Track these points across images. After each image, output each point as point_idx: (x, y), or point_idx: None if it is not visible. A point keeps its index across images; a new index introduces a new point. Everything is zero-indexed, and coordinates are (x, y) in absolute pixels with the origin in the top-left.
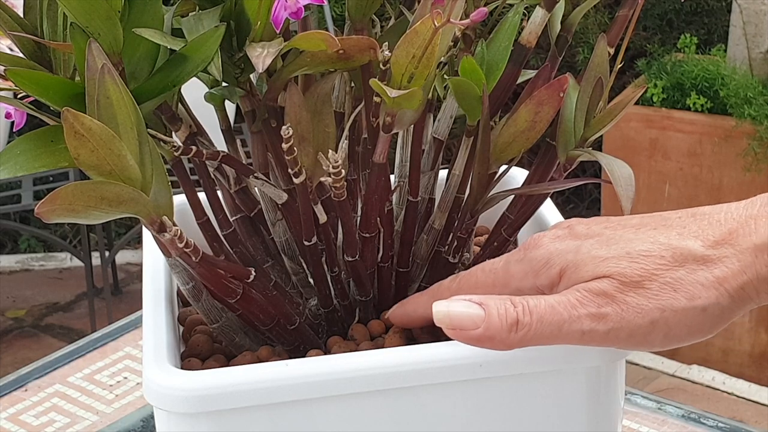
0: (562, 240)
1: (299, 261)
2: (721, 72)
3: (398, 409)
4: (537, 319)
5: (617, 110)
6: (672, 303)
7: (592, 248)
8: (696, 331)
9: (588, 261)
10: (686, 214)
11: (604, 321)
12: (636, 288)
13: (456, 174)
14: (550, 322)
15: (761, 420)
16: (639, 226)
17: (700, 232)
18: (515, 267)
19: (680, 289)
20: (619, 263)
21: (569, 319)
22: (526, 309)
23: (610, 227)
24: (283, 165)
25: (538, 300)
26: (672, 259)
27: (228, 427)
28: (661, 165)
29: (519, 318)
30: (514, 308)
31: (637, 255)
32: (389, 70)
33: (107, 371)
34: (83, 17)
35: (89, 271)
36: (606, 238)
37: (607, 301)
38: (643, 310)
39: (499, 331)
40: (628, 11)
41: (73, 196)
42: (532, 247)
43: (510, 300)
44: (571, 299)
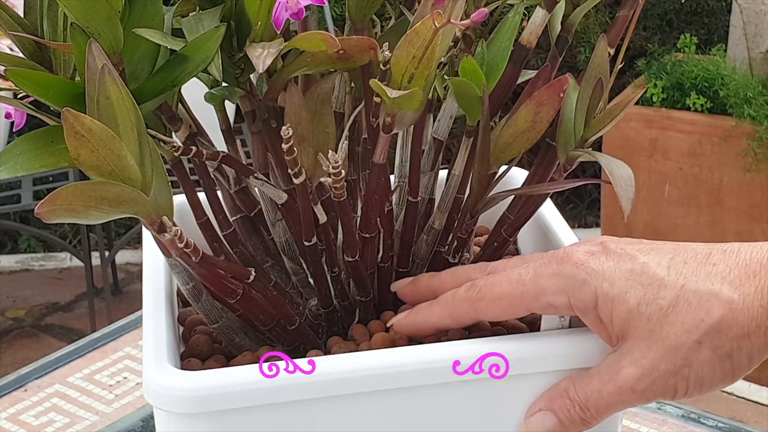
0: (597, 258)
1: (299, 261)
2: (721, 72)
3: (398, 409)
4: (595, 411)
5: (617, 110)
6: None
7: (627, 286)
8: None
9: (622, 306)
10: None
11: (643, 396)
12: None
13: (456, 174)
14: (604, 408)
15: (761, 420)
16: (673, 254)
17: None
18: (548, 281)
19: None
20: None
21: (616, 403)
22: (583, 405)
23: (643, 251)
24: (283, 165)
25: (589, 391)
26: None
27: (228, 427)
28: (661, 165)
29: (581, 416)
30: (573, 408)
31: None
32: (389, 71)
33: (107, 371)
34: (83, 17)
35: (89, 271)
36: (639, 269)
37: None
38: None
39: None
40: (628, 11)
41: (73, 196)
42: (566, 261)
43: (567, 396)
44: (611, 388)
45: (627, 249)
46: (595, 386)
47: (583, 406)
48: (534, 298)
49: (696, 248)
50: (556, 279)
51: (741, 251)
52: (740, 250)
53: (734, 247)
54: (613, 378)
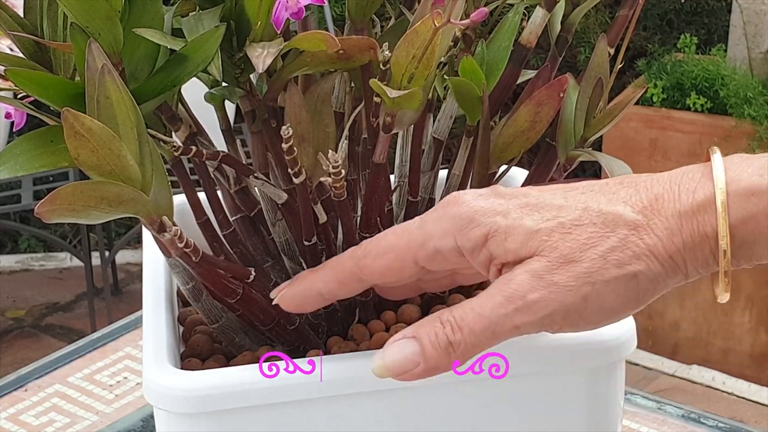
0: (486, 198)
1: (299, 261)
2: (721, 72)
3: (398, 409)
4: (468, 332)
5: (617, 110)
6: (602, 274)
7: (523, 214)
8: (630, 300)
9: (518, 230)
10: (613, 182)
11: (534, 309)
12: (565, 264)
13: (456, 174)
14: (482, 330)
15: (761, 420)
16: (566, 189)
17: (629, 198)
18: (434, 225)
19: (610, 259)
20: (551, 237)
21: (498, 320)
22: (455, 325)
23: (535, 189)
24: (283, 165)
25: (464, 310)
26: (603, 225)
27: (228, 427)
28: (661, 165)
29: (450, 339)
30: (443, 329)
31: (569, 226)
32: (389, 71)
33: (107, 371)
34: (83, 17)
35: (89, 271)
36: (534, 200)
37: (534, 285)
38: (573, 287)
39: (439, 359)
40: (628, 11)
41: (73, 196)
42: (453, 204)
43: (439, 319)
44: (497, 298)
45: (518, 190)
46: (474, 303)
47: (456, 326)
48: (420, 245)
49: (588, 182)
50: (441, 222)
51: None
52: (638, 183)
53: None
54: (501, 289)
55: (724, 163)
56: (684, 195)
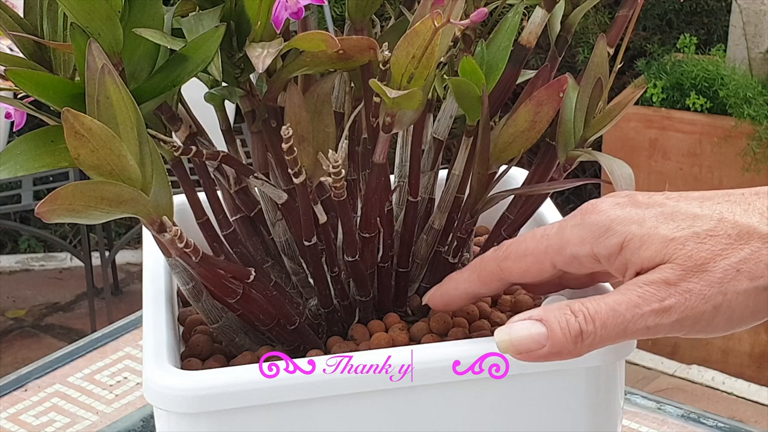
0: (623, 207)
1: (299, 261)
2: (720, 72)
3: (398, 409)
4: (600, 325)
5: (617, 110)
6: (735, 285)
7: (658, 223)
8: (759, 311)
9: (654, 239)
10: (749, 192)
11: (668, 314)
12: (699, 273)
13: (456, 174)
14: (614, 325)
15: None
16: (702, 199)
17: (764, 209)
18: (571, 232)
19: (743, 270)
20: (686, 246)
21: (632, 318)
22: (588, 317)
23: (672, 198)
24: (283, 165)
25: (598, 304)
26: (737, 237)
27: (228, 427)
28: (660, 165)
29: (582, 328)
30: (575, 318)
31: (705, 235)
32: (389, 71)
33: (107, 371)
34: (83, 17)
35: (89, 271)
36: (670, 210)
37: (670, 291)
38: (706, 296)
39: (566, 345)
40: (627, 11)
41: (73, 196)
42: (590, 212)
43: (569, 308)
44: (633, 297)
45: (654, 198)
46: (609, 299)
47: (588, 317)
48: (557, 251)
49: (725, 191)
50: (579, 229)
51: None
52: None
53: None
54: (637, 290)
55: None
56: None
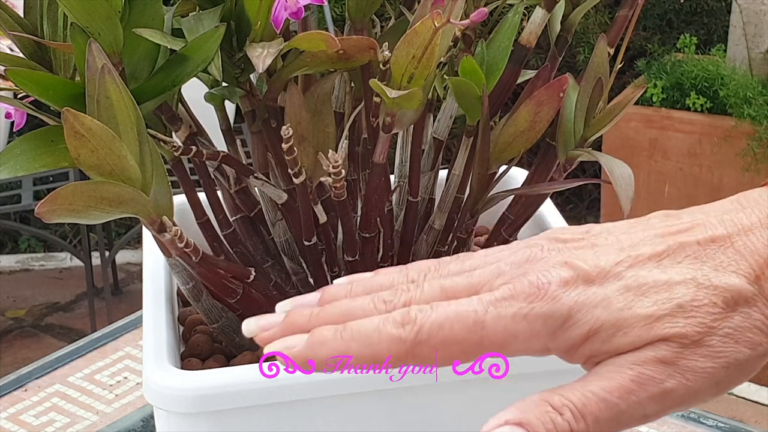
0: (575, 287)
1: (299, 261)
2: (720, 72)
3: (398, 409)
4: (593, 421)
5: (617, 110)
6: (736, 357)
7: (630, 301)
8: (751, 374)
9: (631, 322)
10: (704, 240)
11: (669, 397)
12: (697, 347)
13: (456, 174)
14: (608, 419)
15: (761, 420)
16: (657, 257)
17: (736, 265)
18: (517, 325)
19: (741, 340)
20: (677, 322)
21: (628, 408)
22: (576, 413)
23: (623, 263)
24: (283, 165)
25: (584, 395)
26: (725, 305)
27: (228, 427)
28: (660, 165)
29: (573, 428)
30: (561, 417)
31: (690, 308)
32: (389, 71)
33: (107, 371)
34: (83, 17)
35: (89, 271)
36: (634, 282)
37: (670, 372)
38: (710, 374)
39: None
40: (628, 11)
41: (73, 196)
42: (538, 297)
43: (549, 404)
44: (625, 383)
45: (600, 263)
46: (595, 386)
47: (577, 414)
48: (499, 345)
49: (677, 243)
50: (528, 322)
51: (734, 242)
52: (734, 242)
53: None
54: (626, 371)
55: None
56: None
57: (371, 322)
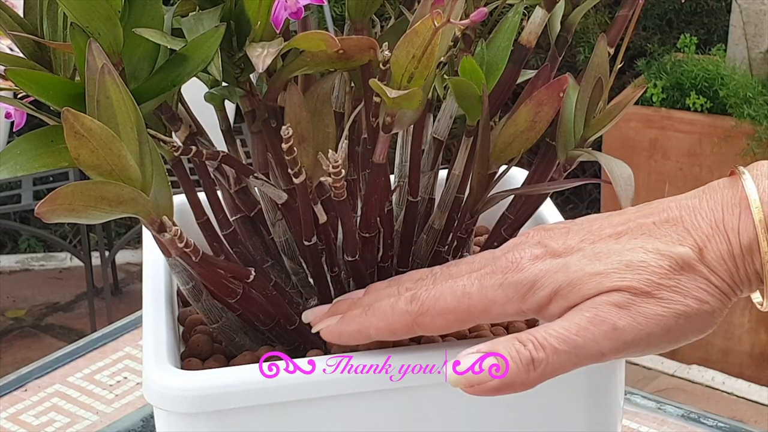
0: (542, 260)
1: (299, 261)
2: (720, 72)
3: (398, 409)
4: (551, 351)
5: (617, 110)
6: (685, 309)
7: (585, 265)
8: (703, 331)
9: (586, 278)
10: (659, 219)
11: (621, 337)
12: (647, 297)
13: (456, 174)
14: (566, 351)
15: (761, 420)
16: (616, 235)
17: (682, 238)
18: (495, 292)
19: (688, 296)
20: (624, 276)
21: (584, 343)
22: (537, 344)
23: (586, 240)
24: (283, 165)
25: (547, 331)
26: (670, 267)
27: (228, 427)
28: (660, 165)
29: (533, 356)
30: (525, 347)
31: (637, 266)
32: (389, 70)
33: (107, 371)
34: (83, 17)
35: (89, 271)
36: (591, 252)
37: (621, 314)
38: (659, 319)
39: (518, 375)
40: (628, 11)
41: (73, 196)
42: (511, 269)
43: (517, 339)
44: (582, 322)
45: (569, 243)
46: (556, 326)
47: (538, 345)
48: (483, 311)
49: (637, 223)
50: (503, 289)
51: (684, 221)
52: (684, 221)
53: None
54: (584, 313)
55: (757, 187)
56: (732, 236)
57: (388, 302)
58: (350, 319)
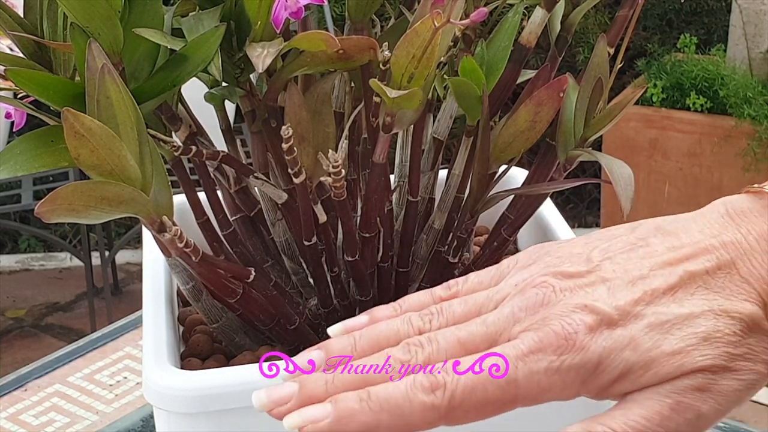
0: (600, 332)
1: (299, 261)
2: (720, 72)
3: None
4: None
5: (617, 110)
6: (757, 378)
7: (655, 341)
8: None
9: (663, 360)
10: (713, 268)
11: (703, 420)
12: (726, 373)
13: (456, 174)
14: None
15: (761, 420)
16: (671, 291)
17: (744, 292)
18: (551, 379)
19: (758, 361)
20: (705, 354)
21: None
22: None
23: (641, 301)
24: (283, 165)
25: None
26: (741, 332)
27: (228, 427)
28: (660, 165)
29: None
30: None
31: (714, 338)
32: (389, 70)
33: (107, 371)
34: (83, 17)
35: (89, 271)
36: (656, 321)
37: (704, 398)
38: (737, 395)
39: None
40: (628, 11)
41: (73, 195)
42: (568, 350)
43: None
44: (664, 410)
45: (622, 305)
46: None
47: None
48: (534, 399)
49: (687, 272)
50: (560, 375)
51: (739, 268)
52: (737, 267)
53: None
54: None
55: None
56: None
57: (397, 389)
58: (348, 415)
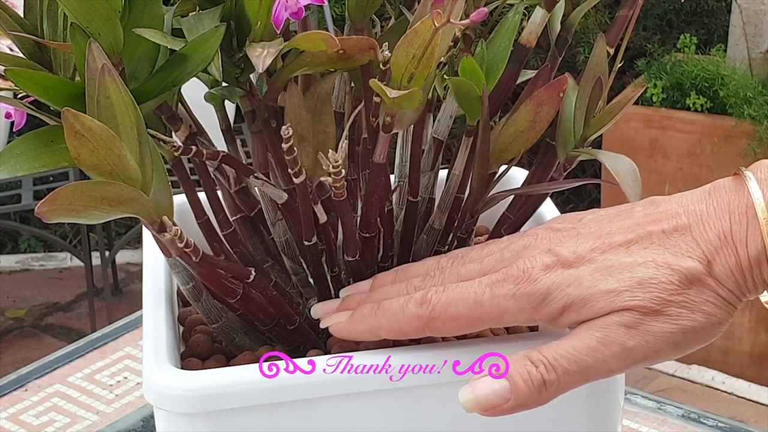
0: (554, 270)
1: (299, 261)
2: (720, 72)
3: (398, 409)
4: (562, 372)
5: (617, 110)
6: (693, 324)
7: (597, 280)
8: (708, 341)
9: (598, 295)
10: (669, 227)
11: (630, 356)
12: (657, 315)
13: (456, 174)
14: (576, 371)
15: (761, 420)
16: (627, 244)
17: (692, 251)
18: (507, 302)
19: (696, 310)
20: (636, 295)
21: (595, 363)
22: (549, 366)
23: (597, 249)
24: (283, 165)
25: (558, 351)
26: (679, 282)
27: (228, 427)
28: (660, 165)
29: (545, 378)
30: (536, 369)
31: (648, 284)
32: (389, 71)
33: (107, 371)
34: (83, 17)
35: (89, 271)
36: (603, 265)
37: (631, 334)
38: (668, 336)
39: (530, 396)
40: (627, 11)
41: (73, 196)
42: (523, 280)
43: (528, 359)
44: (592, 342)
45: (579, 251)
46: (566, 345)
47: (549, 366)
48: (495, 319)
49: (645, 232)
50: (515, 300)
51: (692, 231)
52: (692, 231)
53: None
54: (593, 332)
55: (764, 194)
56: (740, 249)
57: (398, 302)
58: (360, 318)
